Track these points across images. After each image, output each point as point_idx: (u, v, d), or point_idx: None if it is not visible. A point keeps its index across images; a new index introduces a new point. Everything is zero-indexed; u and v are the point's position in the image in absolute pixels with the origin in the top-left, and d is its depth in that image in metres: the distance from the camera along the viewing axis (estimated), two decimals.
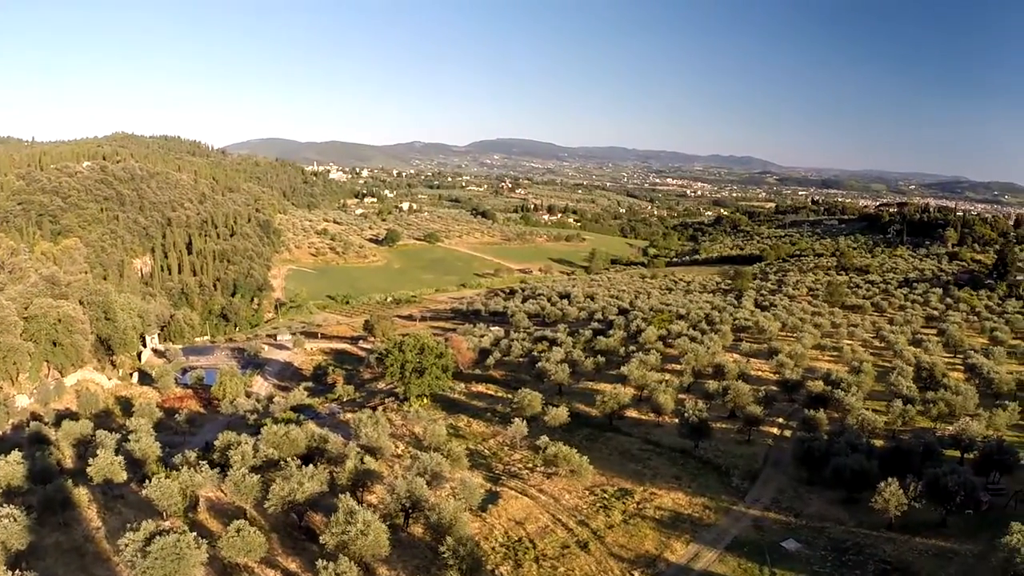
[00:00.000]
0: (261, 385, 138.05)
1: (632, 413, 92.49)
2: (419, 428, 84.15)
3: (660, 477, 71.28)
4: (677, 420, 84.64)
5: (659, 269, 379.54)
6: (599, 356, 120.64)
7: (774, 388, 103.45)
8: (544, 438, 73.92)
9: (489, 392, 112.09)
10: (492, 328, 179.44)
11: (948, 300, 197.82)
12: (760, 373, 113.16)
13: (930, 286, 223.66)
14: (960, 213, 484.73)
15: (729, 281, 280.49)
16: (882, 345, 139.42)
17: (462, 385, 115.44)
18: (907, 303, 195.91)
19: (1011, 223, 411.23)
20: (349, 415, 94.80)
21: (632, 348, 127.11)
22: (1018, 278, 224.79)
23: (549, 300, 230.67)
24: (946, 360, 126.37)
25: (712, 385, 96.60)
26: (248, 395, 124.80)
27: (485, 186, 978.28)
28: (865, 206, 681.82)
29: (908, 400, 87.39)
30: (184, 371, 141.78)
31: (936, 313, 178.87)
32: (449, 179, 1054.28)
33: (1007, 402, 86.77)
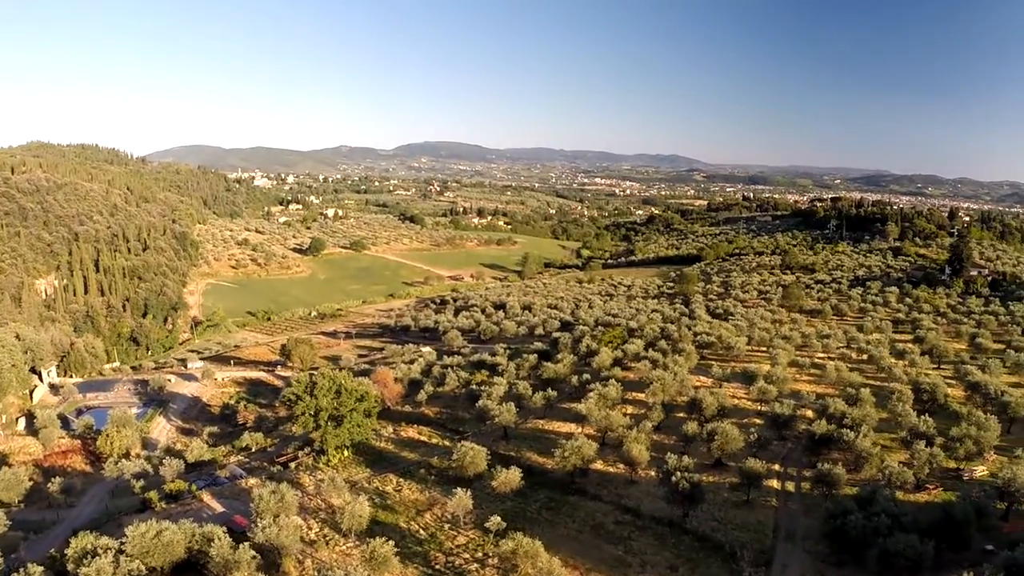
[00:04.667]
0: (162, 430, 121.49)
1: (598, 465, 76.75)
2: (337, 500, 67.30)
3: (651, 566, 56.05)
4: (655, 474, 69.87)
5: (595, 272, 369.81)
6: (548, 388, 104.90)
7: (758, 421, 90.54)
8: (495, 520, 58.15)
9: (422, 438, 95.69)
10: (423, 349, 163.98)
11: (908, 300, 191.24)
12: (738, 401, 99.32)
13: (883, 285, 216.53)
14: (897, 207, 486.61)
15: (672, 284, 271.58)
16: (860, 357, 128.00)
17: (390, 428, 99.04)
18: (867, 304, 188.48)
19: (946, 216, 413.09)
20: (253, 481, 77.21)
21: (585, 376, 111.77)
22: (972, 274, 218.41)
23: (484, 312, 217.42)
24: (932, 369, 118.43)
25: (691, 427, 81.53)
26: (145, 445, 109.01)
27: (413, 190, 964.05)
28: (796, 201, 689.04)
29: (928, 439, 73.63)
30: (79, 412, 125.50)
31: (902, 316, 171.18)
32: (377, 183, 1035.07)
33: None
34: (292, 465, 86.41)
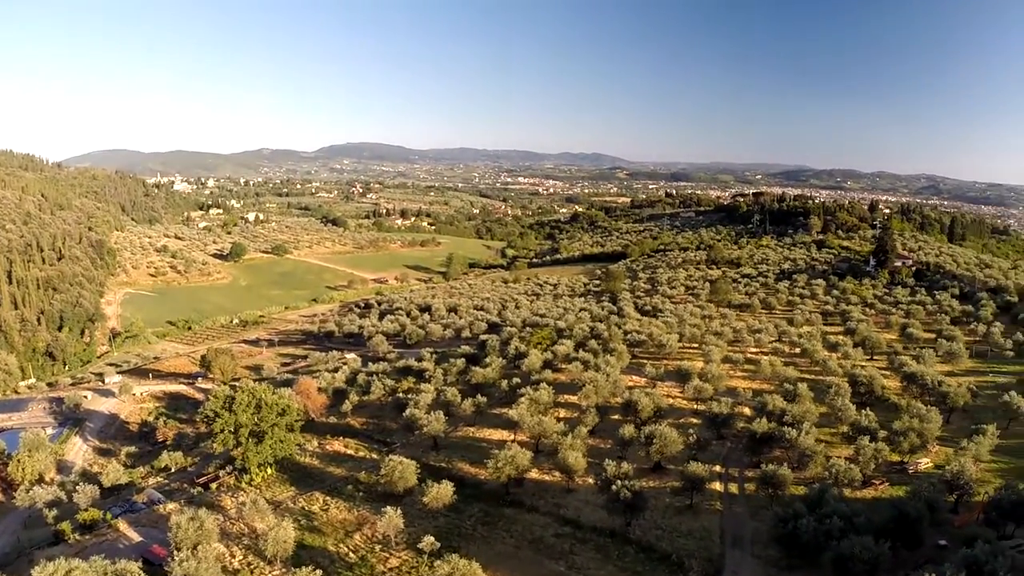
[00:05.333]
0: (78, 451, 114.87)
1: (533, 474, 73.81)
2: (261, 523, 62.77)
3: None
4: (593, 481, 67.21)
5: (521, 271, 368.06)
6: (478, 394, 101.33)
7: (695, 421, 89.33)
8: (429, 540, 54.70)
9: (348, 451, 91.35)
10: (348, 355, 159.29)
11: (835, 292, 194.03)
12: (673, 401, 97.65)
13: (809, 277, 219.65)
14: (819, 201, 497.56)
15: (598, 282, 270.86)
16: (793, 351, 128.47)
17: (315, 442, 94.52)
18: (795, 297, 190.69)
19: (867, 208, 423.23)
20: (171, 507, 71.93)
21: (516, 380, 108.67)
22: (896, 265, 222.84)
23: (409, 315, 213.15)
24: (865, 361, 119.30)
25: (628, 430, 79.09)
26: (60, 469, 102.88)
27: (336, 192, 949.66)
28: (719, 197, 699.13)
29: (871, 434, 72.81)
30: None
31: (831, 308, 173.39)
32: (299, 186, 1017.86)
33: (984, 425, 74.51)
34: (213, 486, 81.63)
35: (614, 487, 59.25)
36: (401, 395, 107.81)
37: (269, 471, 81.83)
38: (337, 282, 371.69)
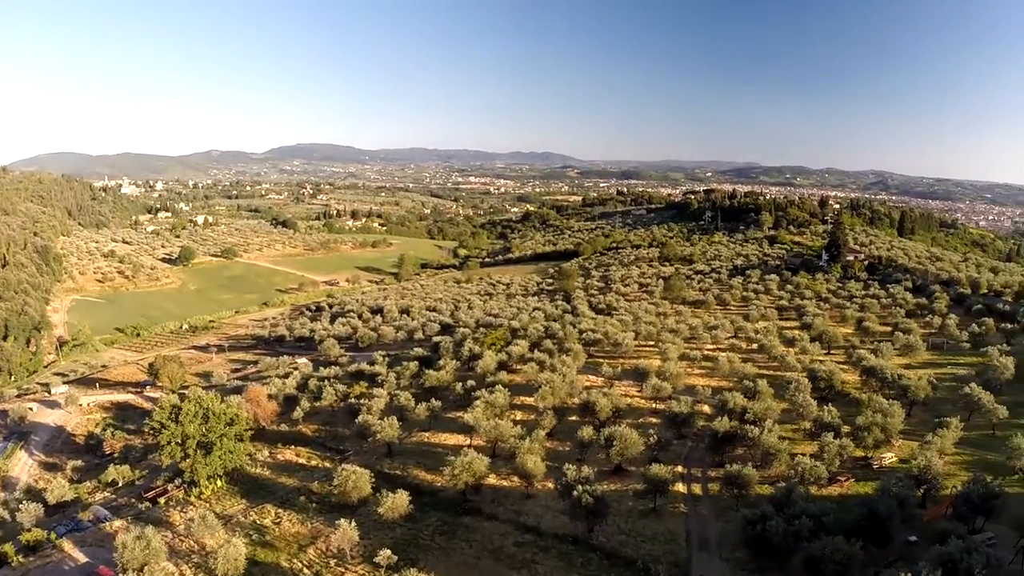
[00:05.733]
0: (23, 466, 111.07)
1: (491, 479, 71.71)
2: (211, 540, 59.94)
3: None
4: (553, 486, 65.44)
5: (473, 271, 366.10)
6: (432, 398, 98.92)
7: (654, 420, 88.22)
8: (386, 554, 52.46)
9: (300, 460, 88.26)
10: (299, 360, 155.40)
11: (789, 287, 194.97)
12: (632, 400, 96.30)
13: (763, 273, 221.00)
14: (770, 197, 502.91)
15: (551, 280, 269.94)
16: (751, 347, 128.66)
17: (265, 452, 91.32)
18: (749, 293, 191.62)
19: (818, 204, 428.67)
20: (118, 524, 68.58)
21: (470, 382, 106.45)
22: (849, 259, 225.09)
23: (360, 318, 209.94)
24: (823, 355, 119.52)
25: (586, 432, 77.44)
26: (4, 485, 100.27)
27: (286, 194, 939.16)
28: (670, 194, 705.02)
29: (835, 430, 72.20)
30: None
31: (785, 303, 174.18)
32: (248, 188, 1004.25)
33: (947, 418, 74.18)
34: (162, 500, 78.21)
35: (575, 492, 57.47)
36: (353, 401, 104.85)
37: (219, 483, 78.71)
38: (288, 285, 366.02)
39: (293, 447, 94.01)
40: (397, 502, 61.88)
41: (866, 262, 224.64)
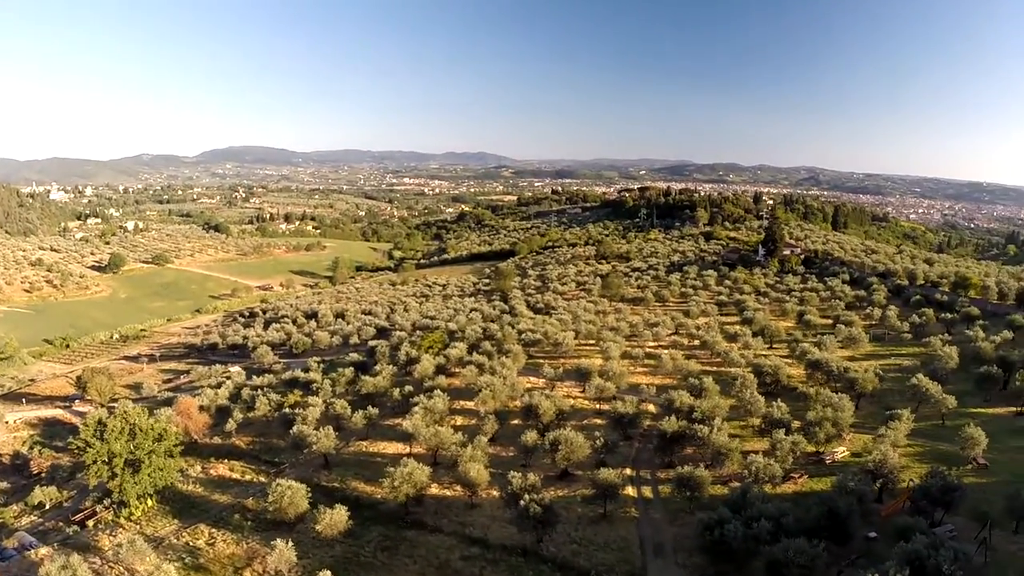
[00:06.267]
0: None
1: (433, 489, 68.56)
2: (141, 566, 55.71)
3: None
4: (498, 494, 62.95)
5: (409, 273, 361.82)
6: (369, 405, 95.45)
7: (599, 421, 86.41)
8: (325, 575, 48.82)
9: (235, 475, 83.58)
10: (232, 369, 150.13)
11: (728, 282, 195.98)
12: (575, 401, 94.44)
13: (700, 268, 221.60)
14: (705, 194, 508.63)
15: (488, 281, 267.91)
16: (693, 343, 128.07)
17: (198, 467, 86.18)
18: (688, 289, 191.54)
19: (752, 200, 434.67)
20: (44, 551, 63.70)
21: (408, 388, 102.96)
22: (786, 253, 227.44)
23: (295, 323, 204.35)
24: (766, 350, 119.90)
25: (530, 437, 74.67)
26: None
27: (218, 197, 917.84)
28: (605, 192, 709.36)
29: (785, 426, 71.01)
30: None
31: (724, 298, 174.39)
32: (180, 192, 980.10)
33: (899, 410, 73.81)
34: (91, 523, 73.04)
35: (522, 502, 54.79)
36: (288, 410, 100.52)
37: (150, 503, 73.82)
38: (221, 291, 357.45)
39: (227, 461, 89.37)
40: (335, 518, 58.43)
41: (802, 256, 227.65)
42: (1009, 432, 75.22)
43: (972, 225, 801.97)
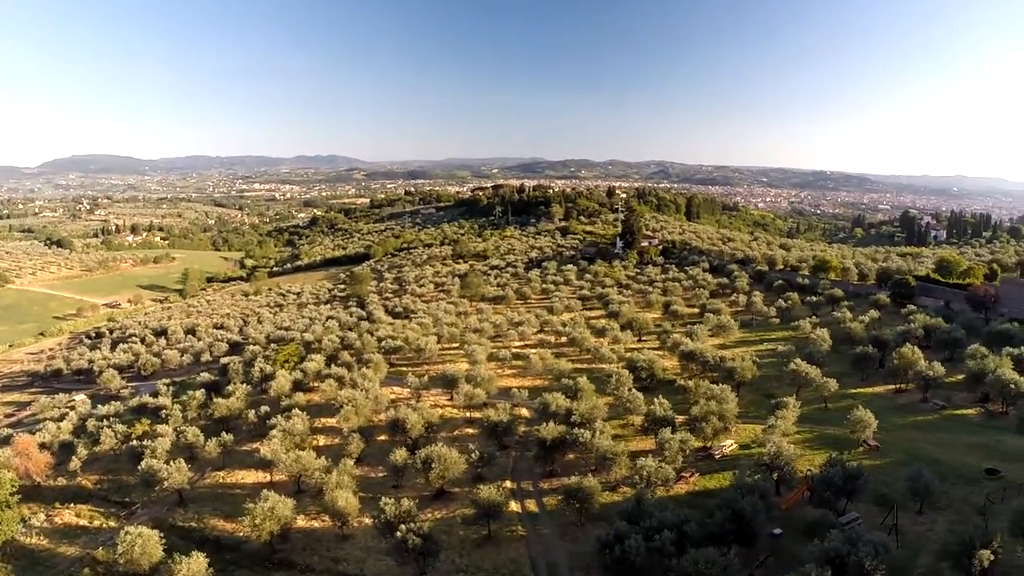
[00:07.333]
0: None
1: (300, 521, 61.68)
2: None
3: None
4: (371, 522, 56.73)
5: (262, 282, 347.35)
6: (223, 431, 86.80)
7: (470, 431, 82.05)
8: None
9: (82, 521, 72.84)
10: (77, 397, 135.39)
11: (588, 276, 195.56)
12: (444, 411, 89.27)
13: (559, 264, 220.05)
14: (559, 189, 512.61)
15: (343, 286, 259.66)
16: (560, 340, 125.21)
17: (41, 514, 75.10)
18: (549, 285, 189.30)
19: (606, 194, 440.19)
20: None
21: (265, 409, 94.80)
22: (644, 245, 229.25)
23: (143, 342, 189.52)
24: (636, 343, 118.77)
25: (399, 455, 68.80)
26: None
27: (61, 210, 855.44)
28: (458, 192, 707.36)
29: (670, 423, 68.05)
30: None
31: (587, 292, 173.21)
32: (20, 206, 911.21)
33: (784, 399, 72.79)
34: None
35: (398, 533, 48.95)
36: (135, 442, 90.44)
37: None
38: (66, 311, 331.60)
39: (73, 505, 78.43)
40: (193, 567, 50.52)
41: (660, 247, 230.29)
42: (892, 410, 75.71)
43: (818, 211, 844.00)
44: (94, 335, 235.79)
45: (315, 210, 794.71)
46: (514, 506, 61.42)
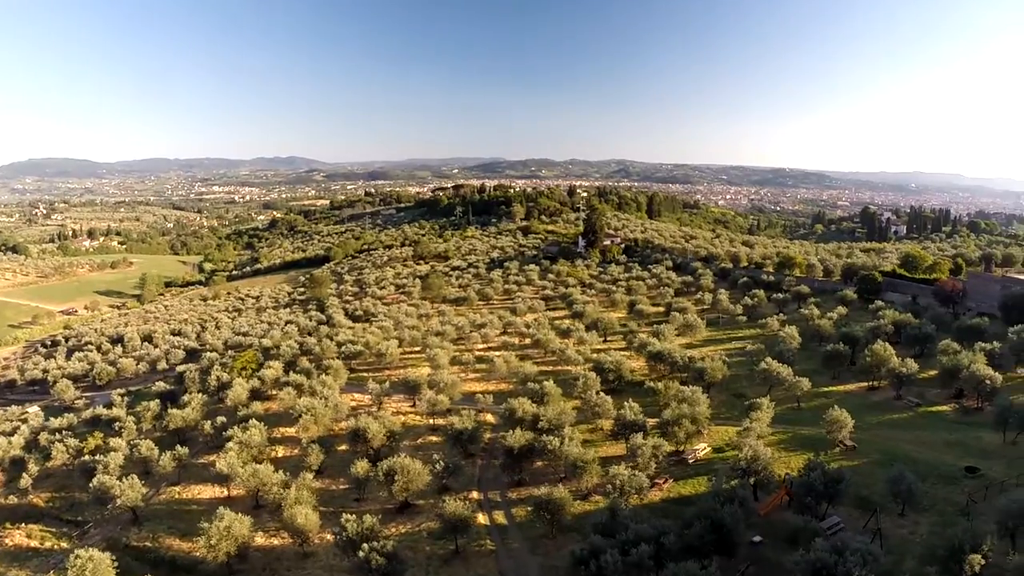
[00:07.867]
0: None
1: (259, 539, 58.79)
2: None
3: None
4: (332, 538, 54.00)
5: (220, 286, 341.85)
6: (178, 444, 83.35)
7: (434, 439, 79.41)
8: None
9: (33, 543, 69.14)
10: (30, 409, 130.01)
11: (551, 276, 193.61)
12: (406, 418, 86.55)
13: (521, 263, 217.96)
14: (519, 189, 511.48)
15: (303, 289, 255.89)
16: (524, 342, 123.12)
17: None
18: (511, 285, 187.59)
19: (567, 193, 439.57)
20: None
21: (221, 419, 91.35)
22: (606, 243, 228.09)
23: (99, 350, 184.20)
24: (601, 344, 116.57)
25: (361, 467, 65.97)
26: None
27: (17, 215, 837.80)
28: (419, 192, 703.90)
29: (641, 428, 66.17)
30: None
31: (550, 292, 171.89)
32: None
33: (757, 400, 71.17)
34: None
35: (361, 552, 46.32)
36: (88, 457, 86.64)
37: None
38: (21, 319, 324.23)
39: (24, 525, 74.66)
40: None
41: (623, 245, 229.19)
42: (866, 408, 74.61)
43: (778, 208, 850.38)
44: (50, 343, 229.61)
45: (275, 212, 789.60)
46: (482, 518, 59.01)
